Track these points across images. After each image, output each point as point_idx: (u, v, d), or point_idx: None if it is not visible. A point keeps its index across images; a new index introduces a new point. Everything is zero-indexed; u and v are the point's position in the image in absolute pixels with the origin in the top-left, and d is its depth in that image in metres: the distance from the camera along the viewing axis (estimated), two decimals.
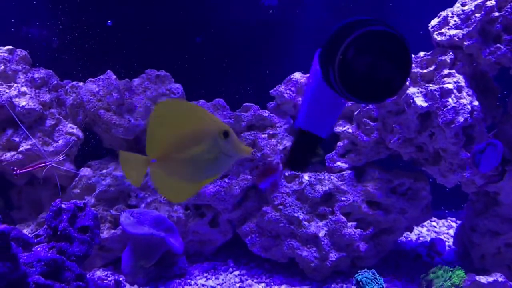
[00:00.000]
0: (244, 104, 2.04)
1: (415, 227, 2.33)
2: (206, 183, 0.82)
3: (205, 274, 1.91)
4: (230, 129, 0.78)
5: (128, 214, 1.80)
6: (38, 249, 1.60)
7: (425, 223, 2.45)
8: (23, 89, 1.86)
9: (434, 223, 2.52)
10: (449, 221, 2.57)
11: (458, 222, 2.49)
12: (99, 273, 1.85)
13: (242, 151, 0.79)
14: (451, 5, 1.82)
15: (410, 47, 0.82)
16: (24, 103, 1.82)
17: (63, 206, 1.67)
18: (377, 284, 1.58)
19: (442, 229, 2.45)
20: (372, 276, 1.62)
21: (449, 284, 1.62)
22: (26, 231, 1.85)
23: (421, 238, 2.33)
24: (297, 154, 1.05)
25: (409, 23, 2.04)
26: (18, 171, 1.77)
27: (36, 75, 1.94)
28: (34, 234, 1.74)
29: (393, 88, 0.80)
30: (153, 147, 0.79)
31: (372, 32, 0.79)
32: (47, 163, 1.81)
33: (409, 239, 2.32)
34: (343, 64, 0.79)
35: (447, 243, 2.23)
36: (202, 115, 0.79)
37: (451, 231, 2.40)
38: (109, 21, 1.80)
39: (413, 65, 1.78)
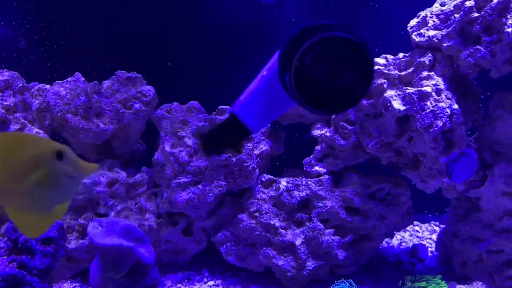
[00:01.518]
0: (219, 106, 1.97)
1: (397, 232, 2.28)
2: (60, 211, 0.74)
3: (179, 285, 1.83)
4: (65, 148, 0.71)
5: (96, 224, 1.72)
6: None
7: (407, 228, 2.39)
8: None
9: (417, 228, 2.46)
10: (432, 225, 2.52)
11: (442, 226, 2.44)
12: (67, 285, 1.77)
13: (84, 169, 0.71)
14: (432, 5, 1.76)
15: (372, 56, 0.76)
16: None
17: None
18: None
19: (425, 234, 2.40)
20: (349, 286, 1.56)
21: None
22: None
23: (403, 244, 2.27)
24: (216, 138, 0.97)
25: (390, 23, 1.98)
26: None
27: None
28: None
29: (352, 99, 0.74)
30: None
31: (331, 38, 0.73)
32: None
33: (391, 244, 2.26)
34: (299, 71, 0.72)
35: (429, 249, 2.17)
36: (29, 139, 0.71)
37: (434, 236, 2.35)
38: None
39: (391, 67, 1.72)
